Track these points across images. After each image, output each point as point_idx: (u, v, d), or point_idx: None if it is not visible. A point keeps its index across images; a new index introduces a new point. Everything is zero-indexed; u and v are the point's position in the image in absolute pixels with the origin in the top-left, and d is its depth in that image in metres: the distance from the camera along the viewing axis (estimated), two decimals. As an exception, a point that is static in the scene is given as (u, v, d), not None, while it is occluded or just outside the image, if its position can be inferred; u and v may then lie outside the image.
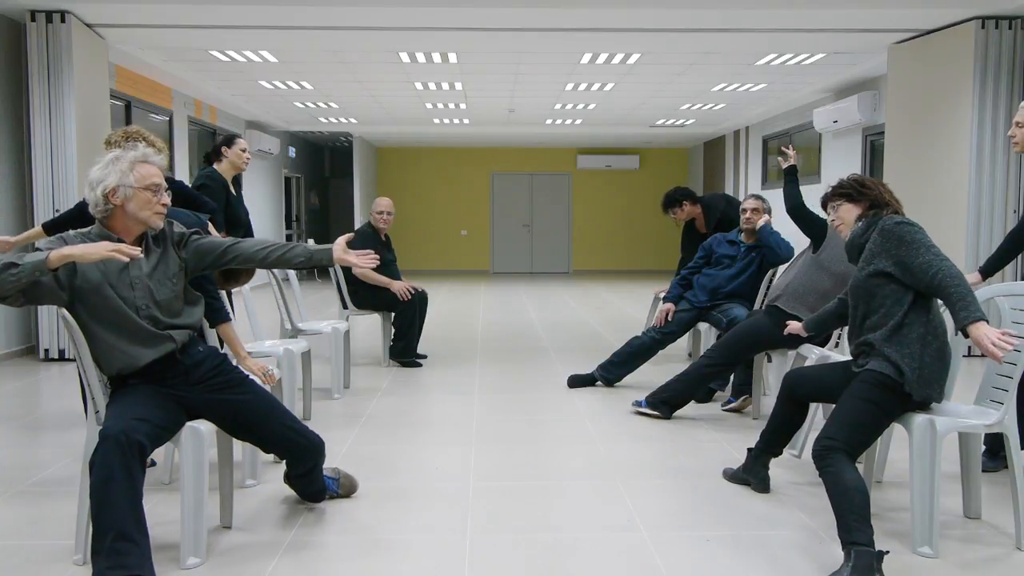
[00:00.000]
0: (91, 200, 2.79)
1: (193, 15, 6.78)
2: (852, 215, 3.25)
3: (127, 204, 2.78)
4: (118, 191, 2.76)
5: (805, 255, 4.63)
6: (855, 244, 3.18)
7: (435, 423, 4.85)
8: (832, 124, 10.26)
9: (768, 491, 3.55)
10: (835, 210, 3.31)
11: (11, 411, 5.10)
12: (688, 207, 6.56)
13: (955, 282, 2.83)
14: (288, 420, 3.04)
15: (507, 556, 2.92)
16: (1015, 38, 6.67)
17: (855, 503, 2.71)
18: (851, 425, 2.90)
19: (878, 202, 3.21)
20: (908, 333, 2.96)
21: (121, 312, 2.74)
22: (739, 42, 7.76)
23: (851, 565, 2.60)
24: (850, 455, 2.85)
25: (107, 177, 2.77)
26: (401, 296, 6.43)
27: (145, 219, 2.81)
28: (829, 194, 3.35)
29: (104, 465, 2.50)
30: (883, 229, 3.05)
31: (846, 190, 3.27)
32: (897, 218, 3.07)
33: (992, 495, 3.47)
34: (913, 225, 3.02)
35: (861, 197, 3.23)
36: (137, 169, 2.79)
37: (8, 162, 6.84)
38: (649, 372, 5.94)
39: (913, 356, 2.93)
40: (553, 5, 6.50)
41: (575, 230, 18.07)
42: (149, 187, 2.80)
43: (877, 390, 2.94)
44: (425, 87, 10.67)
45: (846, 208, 3.27)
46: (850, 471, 2.78)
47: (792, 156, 4.85)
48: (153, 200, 2.81)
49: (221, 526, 3.14)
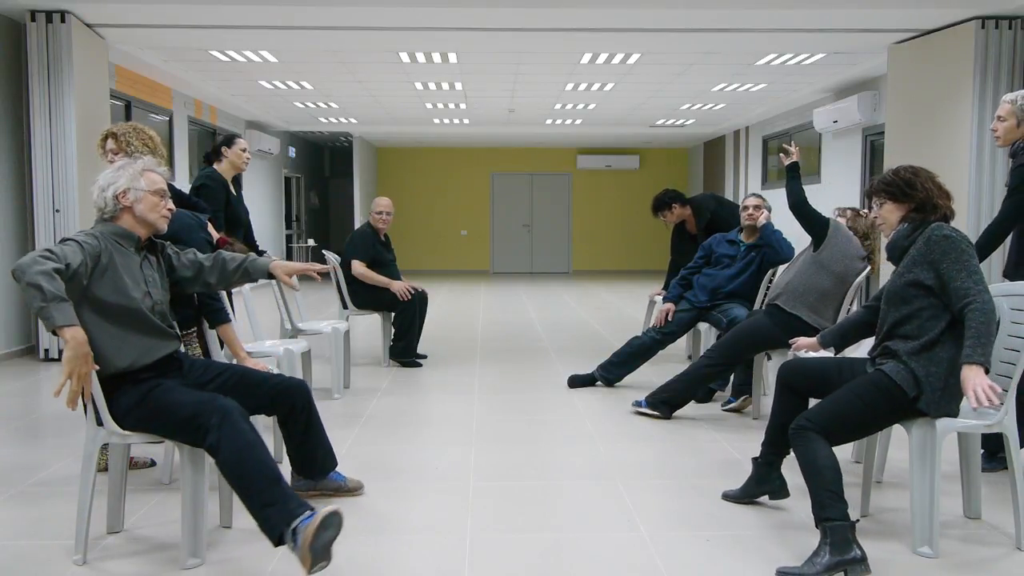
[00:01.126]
0: (100, 202, 2.92)
1: (193, 15, 6.78)
2: (895, 216, 3.06)
3: (136, 206, 2.93)
4: (129, 193, 2.92)
5: (806, 254, 4.63)
6: (898, 246, 3.03)
7: (435, 423, 4.85)
8: (832, 124, 10.26)
9: (788, 494, 3.35)
10: (878, 207, 3.10)
11: (11, 411, 5.10)
12: (678, 209, 6.55)
13: (982, 319, 2.74)
14: (264, 374, 3.22)
15: (507, 556, 2.92)
16: (1015, 38, 6.67)
17: (827, 480, 2.74)
18: (836, 416, 2.87)
19: (926, 204, 3.00)
20: (939, 352, 2.86)
21: (137, 307, 2.85)
22: (739, 42, 7.75)
23: (828, 542, 2.66)
24: (825, 439, 2.83)
25: (118, 180, 2.92)
26: (401, 296, 6.43)
27: (153, 221, 2.97)
28: (874, 189, 3.12)
29: (241, 432, 2.66)
30: (930, 239, 2.90)
31: (891, 189, 3.05)
32: (947, 229, 2.91)
33: (992, 495, 3.47)
34: (962, 240, 2.87)
35: (906, 198, 3.02)
36: (146, 175, 2.97)
37: (8, 162, 6.84)
38: (649, 372, 5.95)
39: (938, 376, 2.85)
40: (553, 5, 6.50)
41: (575, 230, 18.07)
42: (157, 192, 2.98)
43: (880, 395, 2.88)
44: (425, 87, 10.67)
45: (889, 208, 3.07)
46: (823, 448, 2.79)
47: (794, 152, 4.81)
48: (160, 204, 2.98)
49: (221, 526, 3.14)
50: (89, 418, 2.83)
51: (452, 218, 17.95)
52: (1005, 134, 3.83)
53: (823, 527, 2.69)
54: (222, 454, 2.64)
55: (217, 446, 2.65)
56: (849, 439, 3.01)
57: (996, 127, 3.86)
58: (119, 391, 2.82)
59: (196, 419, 2.69)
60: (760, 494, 3.38)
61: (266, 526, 2.58)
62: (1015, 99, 3.79)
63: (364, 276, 6.44)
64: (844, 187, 10.43)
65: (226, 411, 2.68)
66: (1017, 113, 3.78)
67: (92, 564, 2.82)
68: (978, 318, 2.75)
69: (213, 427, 2.65)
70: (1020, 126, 3.79)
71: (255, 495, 2.60)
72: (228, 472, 2.66)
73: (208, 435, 2.65)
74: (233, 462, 2.63)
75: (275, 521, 2.56)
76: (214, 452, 2.66)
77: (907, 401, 2.87)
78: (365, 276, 6.44)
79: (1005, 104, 3.83)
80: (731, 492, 3.47)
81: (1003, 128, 3.83)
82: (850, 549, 2.65)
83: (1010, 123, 3.80)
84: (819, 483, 2.74)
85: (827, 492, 2.72)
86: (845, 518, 2.68)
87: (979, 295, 2.78)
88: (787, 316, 4.43)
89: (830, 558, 2.64)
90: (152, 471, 3.84)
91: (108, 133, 3.92)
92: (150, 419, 2.79)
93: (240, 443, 2.64)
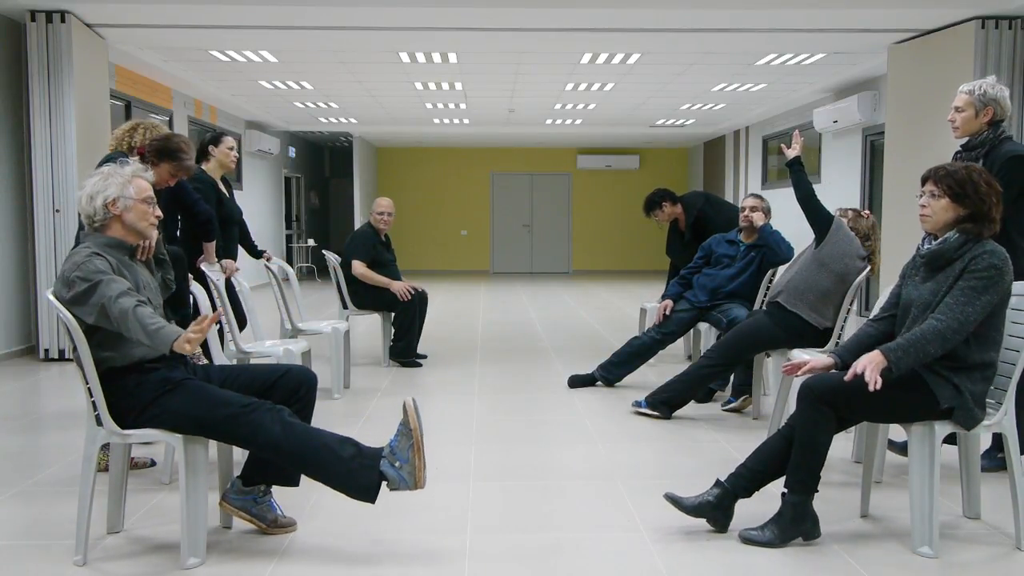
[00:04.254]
0: (88, 211, 2.90)
1: (193, 15, 6.78)
2: (946, 216, 2.89)
3: (126, 215, 2.92)
4: (118, 201, 2.90)
5: (807, 252, 4.62)
6: (944, 256, 2.88)
7: (435, 423, 4.84)
8: (832, 124, 10.26)
9: (820, 534, 3.03)
10: (931, 198, 2.91)
11: (11, 411, 5.10)
12: (668, 207, 6.54)
13: (930, 337, 2.77)
14: (268, 364, 3.26)
15: (507, 556, 2.92)
16: (1015, 38, 6.67)
17: (818, 462, 2.91)
18: (855, 401, 2.89)
19: (982, 217, 2.85)
20: (976, 372, 2.90)
21: None
22: (739, 42, 7.76)
23: (791, 515, 2.93)
24: (836, 418, 2.92)
25: (107, 188, 2.90)
26: (401, 296, 6.43)
27: (142, 229, 2.97)
28: (938, 177, 2.90)
29: (295, 423, 2.78)
30: (978, 261, 2.81)
31: (958, 188, 2.85)
32: (997, 258, 2.80)
33: (992, 495, 3.46)
34: (1002, 278, 2.81)
35: (967, 203, 2.85)
36: (135, 182, 2.95)
37: (8, 162, 6.84)
38: (649, 372, 5.95)
39: (978, 394, 2.89)
40: (553, 5, 6.50)
41: (575, 230, 18.07)
42: (146, 199, 2.97)
43: (909, 395, 2.89)
44: (425, 87, 10.67)
45: (944, 205, 2.87)
46: (828, 431, 2.90)
47: (797, 144, 4.56)
48: (149, 211, 2.97)
49: (221, 526, 3.14)
50: (89, 418, 2.83)
51: (452, 218, 17.95)
52: (963, 124, 3.73)
53: (793, 498, 2.92)
54: (285, 447, 2.75)
55: (278, 442, 2.74)
56: (854, 424, 3.17)
57: (954, 118, 3.75)
58: (134, 384, 2.80)
59: (245, 416, 2.75)
60: (796, 535, 2.99)
61: (361, 477, 2.75)
62: (973, 89, 3.69)
63: (364, 276, 6.44)
64: (844, 187, 10.43)
65: (278, 408, 2.80)
66: (976, 104, 3.68)
67: (92, 564, 2.82)
68: (928, 334, 2.79)
69: (267, 424, 2.74)
70: (979, 116, 3.69)
71: (337, 456, 2.76)
72: (299, 458, 2.78)
73: (258, 432, 2.74)
74: (299, 446, 2.75)
75: (368, 467, 2.75)
76: (272, 448, 2.76)
77: (935, 409, 2.87)
78: (365, 276, 6.44)
79: (962, 95, 3.72)
80: (753, 535, 3.02)
81: (961, 119, 3.72)
82: (806, 519, 2.95)
83: (968, 113, 3.71)
84: (811, 463, 2.92)
85: (813, 475, 2.93)
86: (814, 491, 2.95)
87: (952, 323, 2.77)
88: (787, 314, 4.42)
89: (789, 527, 2.94)
90: (152, 471, 3.84)
91: (137, 125, 3.96)
92: (177, 414, 2.78)
93: (299, 430, 2.77)
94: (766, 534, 2.97)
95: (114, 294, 2.67)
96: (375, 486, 2.76)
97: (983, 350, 2.88)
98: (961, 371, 2.88)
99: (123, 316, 2.64)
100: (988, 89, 3.68)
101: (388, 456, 2.77)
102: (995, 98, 3.67)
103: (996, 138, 3.68)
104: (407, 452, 2.74)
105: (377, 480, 2.76)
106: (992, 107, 3.67)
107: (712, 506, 3.07)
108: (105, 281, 2.70)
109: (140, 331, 2.63)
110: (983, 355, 2.89)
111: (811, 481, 2.93)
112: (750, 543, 2.97)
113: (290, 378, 3.04)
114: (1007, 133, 3.72)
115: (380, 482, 2.76)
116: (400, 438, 2.78)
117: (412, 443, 2.75)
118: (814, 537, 2.98)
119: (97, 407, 2.78)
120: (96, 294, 2.69)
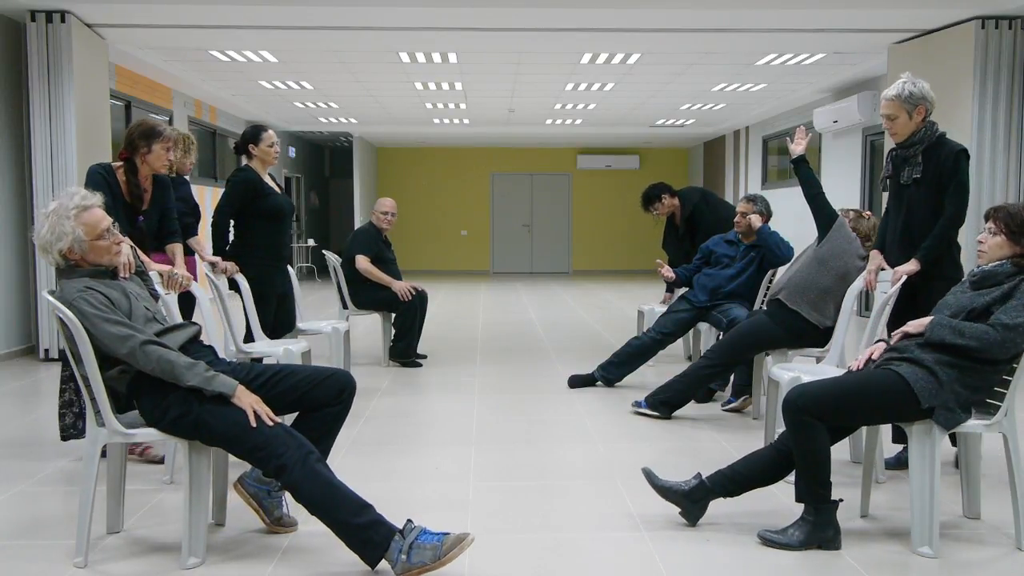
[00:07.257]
0: (50, 262, 2.88)
1: (193, 15, 6.78)
2: (1001, 252, 3.03)
3: (86, 256, 2.87)
4: (74, 248, 2.84)
5: (808, 251, 4.61)
6: (995, 279, 3.02)
7: (435, 423, 4.85)
8: (832, 124, 10.26)
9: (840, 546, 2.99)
10: (990, 234, 3.06)
11: (11, 411, 5.10)
12: (667, 200, 6.52)
13: (985, 336, 2.86)
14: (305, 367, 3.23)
15: (507, 556, 2.92)
16: (1015, 38, 6.67)
17: (824, 472, 2.93)
18: (836, 404, 2.94)
19: None
20: (969, 379, 2.94)
21: (143, 327, 2.87)
22: (739, 42, 7.76)
23: (812, 520, 2.93)
24: (822, 424, 2.94)
25: (60, 240, 2.81)
26: (402, 296, 6.43)
27: (107, 263, 2.93)
28: (998, 217, 3.05)
29: (319, 472, 2.70)
30: None
31: (1011, 226, 3.00)
32: None
33: (992, 495, 3.46)
34: None
35: (1022, 241, 2.99)
36: (82, 220, 2.84)
37: (8, 162, 6.84)
38: (649, 372, 5.95)
39: (960, 396, 2.92)
40: (553, 5, 6.50)
41: (575, 230, 18.07)
42: (100, 235, 2.87)
43: (889, 397, 2.91)
44: (425, 87, 10.68)
45: (1000, 242, 3.02)
46: (823, 440, 2.93)
47: (803, 140, 4.41)
48: (108, 244, 2.90)
49: (214, 523, 3.14)
50: (89, 418, 2.83)
51: (452, 218, 17.95)
52: (901, 130, 3.72)
53: (812, 507, 2.92)
54: (304, 492, 2.68)
55: (298, 487, 2.68)
56: (852, 430, 3.21)
57: (890, 127, 3.74)
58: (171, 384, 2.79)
59: (267, 448, 2.70)
60: (816, 542, 2.97)
61: (369, 544, 2.64)
62: (898, 94, 3.67)
63: (368, 272, 6.44)
64: (844, 187, 10.42)
65: (304, 449, 2.71)
66: (905, 107, 3.67)
67: (92, 565, 2.82)
68: (978, 331, 2.88)
69: (290, 465, 2.67)
70: (912, 118, 3.69)
71: (350, 520, 2.66)
72: (314, 504, 2.69)
73: (284, 471, 2.68)
74: (318, 496, 2.67)
75: (380, 538, 2.63)
76: (291, 488, 2.70)
77: (917, 409, 2.89)
78: (369, 272, 6.44)
79: (889, 102, 3.70)
80: (772, 537, 3.01)
81: (897, 126, 3.71)
82: (829, 527, 2.94)
83: (902, 119, 3.70)
84: (812, 474, 2.93)
85: (822, 483, 2.93)
86: (831, 501, 2.94)
87: (1008, 331, 2.86)
88: (788, 314, 4.41)
89: (811, 533, 2.92)
90: (152, 471, 3.83)
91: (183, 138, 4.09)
92: (207, 425, 2.74)
93: (322, 480, 2.68)
94: (786, 537, 2.95)
95: (138, 344, 2.73)
96: (377, 560, 2.66)
97: None
98: (954, 367, 2.91)
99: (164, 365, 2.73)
100: (911, 89, 3.68)
101: (400, 542, 2.62)
102: (922, 96, 3.68)
103: (932, 134, 3.72)
104: (422, 557, 2.59)
105: (381, 555, 2.65)
106: (922, 104, 3.69)
107: (682, 495, 3.16)
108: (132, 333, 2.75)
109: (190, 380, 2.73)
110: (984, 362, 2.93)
111: (820, 490, 2.93)
112: (768, 545, 2.96)
113: (335, 381, 3.04)
114: (938, 127, 3.76)
115: (382, 556, 2.65)
116: (429, 548, 2.60)
117: (431, 564, 2.60)
118: (834, 547, 2.93)
119: (98, 406, 2.78)
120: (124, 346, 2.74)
